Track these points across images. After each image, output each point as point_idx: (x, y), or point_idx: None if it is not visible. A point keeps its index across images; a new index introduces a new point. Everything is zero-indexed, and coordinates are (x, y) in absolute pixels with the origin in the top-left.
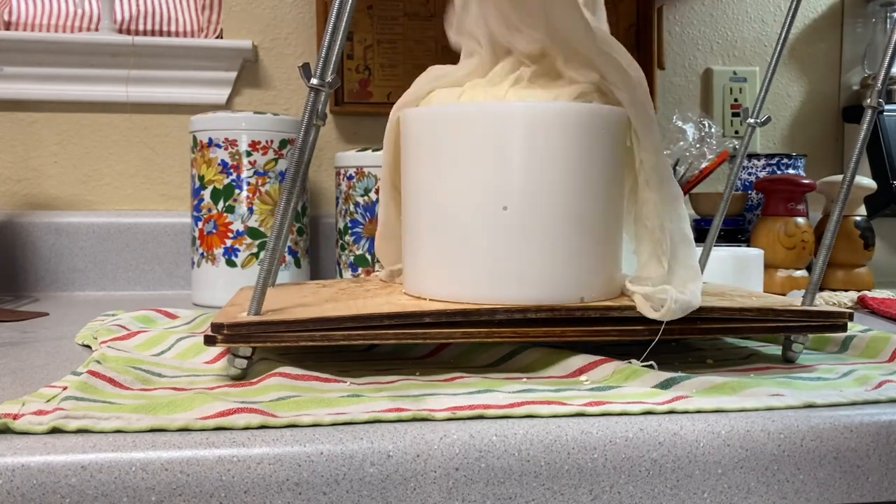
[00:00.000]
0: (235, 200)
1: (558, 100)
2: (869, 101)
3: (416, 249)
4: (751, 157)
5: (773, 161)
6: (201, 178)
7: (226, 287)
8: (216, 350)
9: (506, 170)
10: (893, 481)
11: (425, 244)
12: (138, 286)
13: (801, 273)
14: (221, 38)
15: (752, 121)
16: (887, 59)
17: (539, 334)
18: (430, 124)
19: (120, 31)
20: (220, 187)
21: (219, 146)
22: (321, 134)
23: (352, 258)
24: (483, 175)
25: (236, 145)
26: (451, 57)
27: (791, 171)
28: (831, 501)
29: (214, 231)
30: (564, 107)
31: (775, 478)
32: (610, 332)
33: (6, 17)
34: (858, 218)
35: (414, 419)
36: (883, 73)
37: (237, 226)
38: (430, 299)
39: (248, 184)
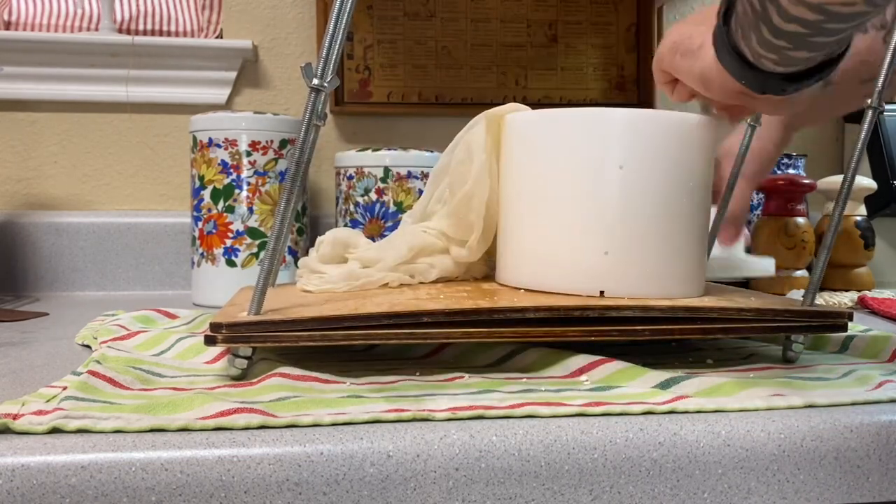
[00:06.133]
0: (235, 200)
1: None
2: (869, 101)
3: (514, 241)
4: None
5: None
6: (201, 178)
7: (226, 287)
8: (216, 350)
9: (606, 168)
10: (893, 481)
11: (524, 237)
12: (138, 286)
13: (801, 273)
14: (221, 38)
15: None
16: (887, 59)
17: (539, 334)
18: (537, 126)
19: (120, 31)
20: (220, 187)
21: (219, 146)
22: (321, 134)
23: None
24: (582, 173)
25: (236, 145)
26: (451, 57)
27: (791, 171)
28: (831, 501)
29: (214, 231)
30: (657, 114)
31: (775, 478)
32: (610, 332)
33: (6, 17)
34: (858, 218)
35: (414, 419)
36: (883, 73)
37: (237, 226)
38: (525, 289)
39: (248, 184)
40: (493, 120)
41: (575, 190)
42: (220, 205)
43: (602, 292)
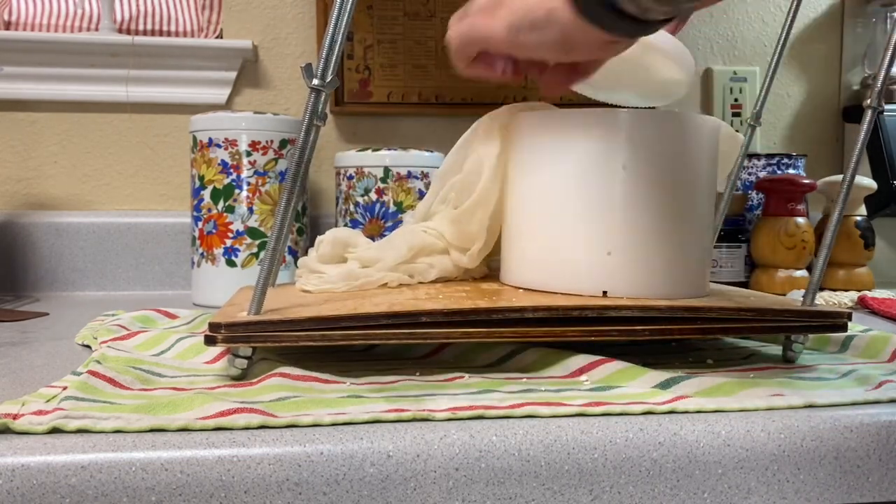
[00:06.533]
0: (235, 200)
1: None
2: (869, 101)
3: (518, 242)
4: (751, 157)
5: (773, 161)
6: (201, 178)
7: (226, 287)
8: (216, 350)
9: (609, 168)
10: (893, 481)
11: (528, 237)
12: (138, 286)
13: (801, 273)
14: (221, 38)
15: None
16: (887, 59)
17: (539, 334)
18: (540, 126)
19: (120, 31)
20: (220, 187)
21: (219, 146)
22: (321, 134)
23: None
24: (585, 173)
25: (236, 145)
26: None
27: (791, 171)
28: (831, 501)
29: (214, 231)
30: (660, 113)
31: (775, 478)
32: (610, 332)
33: (6, 17)
34: (858, 218)
35: (414, 419)
36: (883, 73)
37: (237, 226)
38: (526, 289)
39: (248, 184)
40: (504, 126)
41: (578, 190)
42: (220, 205)
43: (605, 293)
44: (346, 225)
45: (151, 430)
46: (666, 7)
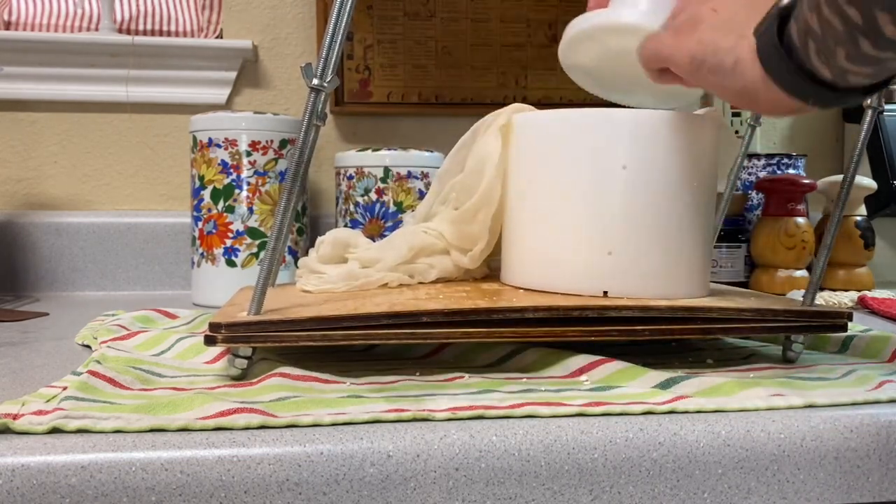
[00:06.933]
0: (235, 200)
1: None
2: (869, 101)
3: (519, 242)
4: (751, 157)
5: (773, 161)
6: (201, 178)
7: (226, 287)
8: (216, 350)
9: (609, 168)
10: (893, 481)
11: (528, 238)
12: (138, 286)
13: (802, 273)
14: (221, 38)
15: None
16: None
17: (539, 334)
18: (540, 127)
19: (120, 31)
20: (220, 187)
21: (219, 146)
22: (321, 134)
23: None
24: (585, 173)
25: (236, 145)
26: (452, 57)
27: (791, 171)
28: (831, 501)
29: (214, 231)
30: (660, 114)
31: (775, 478)
32: (610, 332)
33: (6, 17)
34: (858, 218)
35: (414, 419)
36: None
37: (237, 226)
38: (527, 289)
39: (248, 184)
40: (505, 126)
41: (578, 190)
42: (220, 205)
43: (605, 292)
44: (346, 225)
45: (151, 430)
46: (868, 68)
